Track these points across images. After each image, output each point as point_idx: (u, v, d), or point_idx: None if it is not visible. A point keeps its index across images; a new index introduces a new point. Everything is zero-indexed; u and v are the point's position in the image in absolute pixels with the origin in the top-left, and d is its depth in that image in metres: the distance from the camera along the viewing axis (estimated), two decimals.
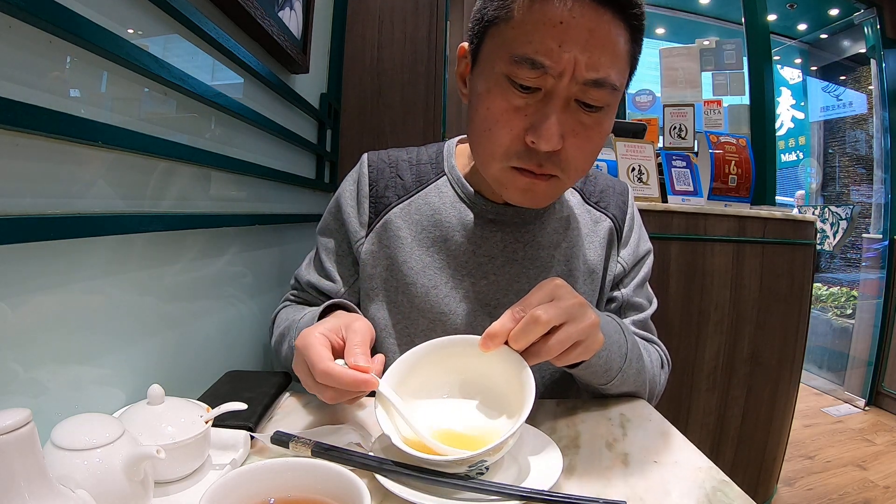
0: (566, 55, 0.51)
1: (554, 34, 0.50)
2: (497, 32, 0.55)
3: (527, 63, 0.52)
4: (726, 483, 0.46)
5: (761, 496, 1.69)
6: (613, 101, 0.56)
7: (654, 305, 0.76)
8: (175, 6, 0.58)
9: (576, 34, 0.50)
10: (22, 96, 0.40)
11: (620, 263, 0.74)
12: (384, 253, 0.70)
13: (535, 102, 0.54)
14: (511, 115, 0.55)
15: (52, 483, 0.30)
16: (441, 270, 0.68)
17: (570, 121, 0.54)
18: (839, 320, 3.35)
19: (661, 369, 0.73)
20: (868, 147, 3.54)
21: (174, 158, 0.63)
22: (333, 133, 1.40)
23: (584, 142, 0.56)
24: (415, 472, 0.43)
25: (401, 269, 0.68)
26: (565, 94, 0.53)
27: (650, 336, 0.74)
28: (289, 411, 0.61)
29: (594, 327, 0.51)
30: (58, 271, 0.46)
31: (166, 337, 0.64)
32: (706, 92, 2.21)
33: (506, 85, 0.54)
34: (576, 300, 0.50)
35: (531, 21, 0.51)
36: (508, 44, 0.53)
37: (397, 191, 0.72)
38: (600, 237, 0.73)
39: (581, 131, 0.55)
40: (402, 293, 0.68)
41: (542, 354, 0.48)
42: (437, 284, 0.68)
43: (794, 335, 1.63)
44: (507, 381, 0.48)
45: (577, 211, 0.73)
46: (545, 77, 0.52)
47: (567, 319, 0.49)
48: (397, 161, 0.74)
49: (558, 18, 0.50)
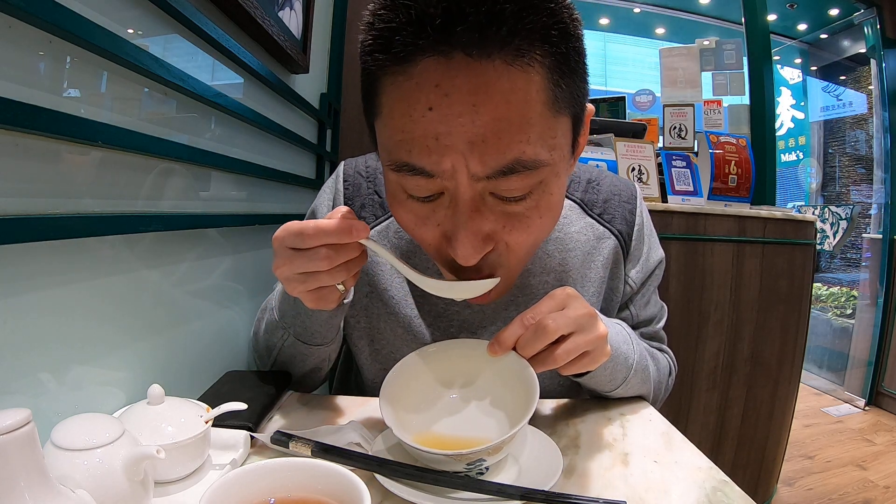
0: (447, 155, 0.39)
1: (425, 127, 0.39)
2: (378, 125, 0.45)
3: (407, 172, 0.41)
4: (726, 483, 0.46)
5: (761, 496, 1.69)
6: (546, 175, 0.43)
7: (664, 315, 0.75)
8: (175, 6, 0.58)
9: (453, 119, 0.38)
10: (22, 96, 0.40)
11: (629, 284, 0.69)
12: (364, 279, 0.67)
13: (444, 208, 0.44)
14: (422, 227, 0.46)
15: (52, 483, 0.30)
16: (424, 298, 0.65)
17: (493, 218, 0.44)
18: (839, 320, 3.35)
19: (668, 376, 0.72)
20: (868, 147, 3.54)
21: (174, 158, 0.62)
22: (333, 133, 1.40)
23: (520, 233, 0.45)
24: (415, 471, 0.43)
25: (381, 298, 0.66)
26: (472, 194, 0.42)
27: (661, 346, 0.74)
28: (289, 411, 0.61)
29: (602, 339, 0.51)
30: (58, 271, 0.46)
31: (166, 337, 0.64)
32: (706, 92, 2.22)
33: (403, 196, 0.45)
34: (586, 311, 0.50)
35: (398, 115, 0.40)
36: (386, 148, 0.43)
37: (374, 210, 0.67)
38: (604, 257, 0.67)
39: (512, 223, 0.44)
40: (383, 321, 0.67)
41: (548, 363, 0.48)
42: (418, 314, 0.66)
43: (794, 335, 1.63)
44: (511, 385, 0.49)
45: (575, 228, 0.67)
46: (438, 181, 0.41)
47: (576, 329, 0.49)
48: (375, 174, 0.69)
49: (426, 104, 0.38)
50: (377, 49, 0.40)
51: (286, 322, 0.61)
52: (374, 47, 0.40)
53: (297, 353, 0.63)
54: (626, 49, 4.77)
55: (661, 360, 0.70)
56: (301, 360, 0.64)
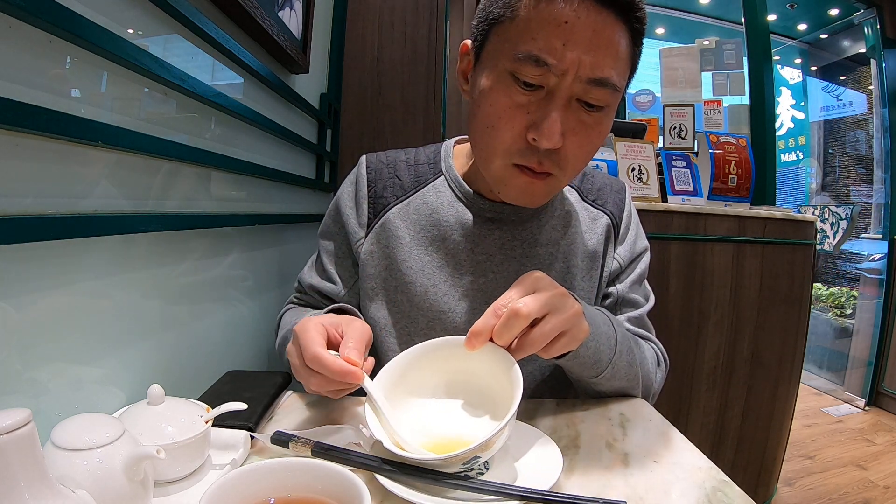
0: (570, 54, 0.51)
1: (558, 33, 0.51)
2: (502, 31, 0.55)
3: (531, 61, 0.52)
4: (726, 483, 0.46)
5: (761, 496, 1.69)
6: (613, 102, 0.57)
7: (650, 302, 0.76)
8: (175, 6, 0.58)
9: (580, 34, 0.51)
10: (22, 96, 0.40)
11: (617, 260, 0.74)
12: (383, 253, 0.70)
13: (538, 100, 0.54)
14: (514, 111, 0.55)
15: (52, 483, 0.30)
16: (440, 269, 0.68)
17: (571, 119, 0.55)
18: (839, 320, 3.35)
19: (657, 367, 0.72)
20: (868, 147, 3.54)
21: (174, 158, 0.63)
22: (333, 133, 1.40)
23: (584, 140, 0.57)
24: (414, 471, 0.43)
25: (400, 269, 0.69)
26: (567, 93, 0.54)
27: (646, 333, 0.74)
28: (289, 411, 0.61)
29: (577, 316, 0.51)
30: (58, 271, 0.46)
31: (167, 337, 0.64)
32: (706, 92, 2.22)
33: (509, 82, 0.55)
34: (556, 290, 0.51)
35: (536, 20, 0.52)
36: (513, 42, 0.54)
37: (395, 191, 0.72)
38: (598, 233, 0.73)
39: (581, 130, 0.56)
40: (401, 292, 0.68)
41: (527, 348, 0.49)
42: (435, 283, 0.68)
43: (794, 335, 1.64)
44: (496, 378, 0.49)
45: (576, 208, 0.74)
46: (548, 75, 0.53)
47: (549, 310, 0.49)
48: (395, 162, 0.75)
49: (563, 18, 0.51)
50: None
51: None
52: None
53: None
54: None
55: (645, 347, 0.71)
56: None
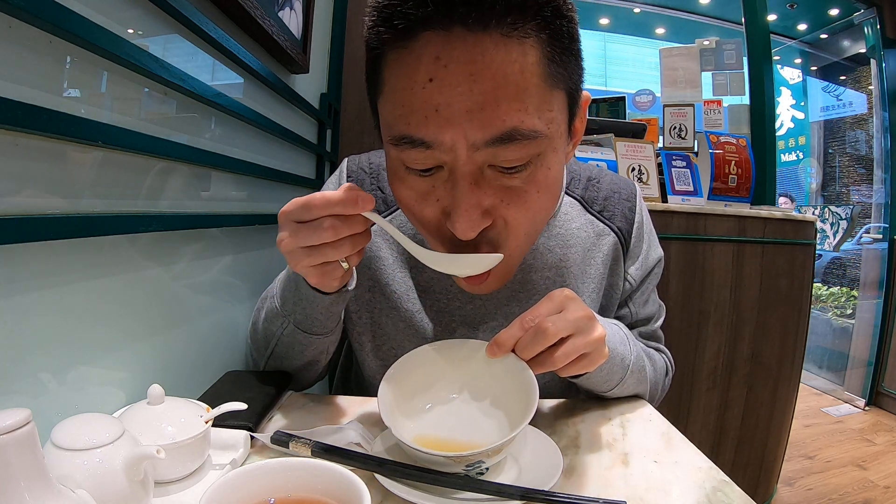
0: (448, 123, 0.40)
1: (425, 99, 0.40)
2: (380, 107, 0.46)
3: (407, 144, 0.43)
4: (726, 483, 0.46)
5: (761, 496, 1.69)
6: (544, 148, 0.44)
7: (662, 315, 0.75)
8: (175, 6, 0.58)
9: (453, 88, 0.39)
10: (22, 96, 0.40)
11: (628, 280, 0.70)
12: (366, 274, 0.68)
13: (443, 182, 0.45)
14: (422, 202, 0.47)
15: (52, 483, 0.30)
16: (425, 293, 0.66)
17: (491, 192, 0.44)
18: (839, 320, 3.35)
19: (664, 376, 0.73)
20: (868, 147, 3.54)
21: (174, 158, 0.62)
22: (333, 133, 1.40)
23: (520, 208, 0.46)
24: (415, 471, 0.43)
25: (383, 293, 0.67)
26: (470, 167, 0.43)
27: (658, 345, 0.74)
28: (289, 411, 0.61)
29: (600, 342, 0.51)
30: (57, 271, 0.46)
31: (166, 337, 0.64)
32: (706, 92, 2.21)
33: (403, 171, 0.46)
34: (584, 313, 0.50)
35: (399, 89, 0.42)
36: (387, 123, 0.44)
37: (377, 206, 0.68)
38: (603, 253, 0.68)
39: (511, 197, 0.45)
40: (385, 316, 0.67)
41: (547, 365, 0.49)
42: (421, 309, 0.66)
43: (794, 335, 1.64)
44: (512, 386, 0.49)
45: (575, 224, 0.68)
46: (436, 153, 0.42)
47: (575, 332, 0.49)
48: (378, 171, 0.70)
49: (426, 75, 0.40)
50: (380, 24, 0.42)
51: (287, 310, 0.61)
52: (378, 22, 0.42)
53: (296, 343, 0.62)
54: (625, 49, 4.78)
55: (657, 360, 0.71)
56: (299, 351, 0.63)
